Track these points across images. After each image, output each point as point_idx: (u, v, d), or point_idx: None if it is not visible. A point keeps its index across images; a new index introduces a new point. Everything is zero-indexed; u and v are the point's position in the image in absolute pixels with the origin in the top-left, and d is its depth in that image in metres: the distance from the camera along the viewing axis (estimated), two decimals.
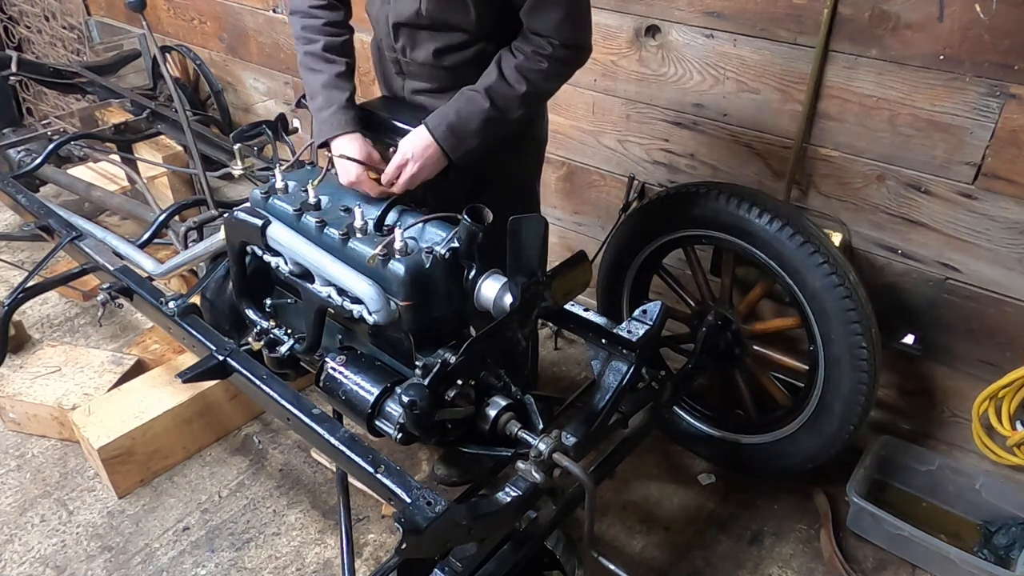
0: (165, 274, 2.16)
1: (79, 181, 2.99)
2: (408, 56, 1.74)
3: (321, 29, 1.73)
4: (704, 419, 2.31)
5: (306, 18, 1.74)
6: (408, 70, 1.79)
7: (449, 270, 1.54)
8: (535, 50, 1.60)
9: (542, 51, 1.59)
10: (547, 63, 1.60)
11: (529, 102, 1.66)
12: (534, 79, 1.61)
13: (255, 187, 1.79)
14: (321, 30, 1.73)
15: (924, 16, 1.81)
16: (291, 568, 2.07)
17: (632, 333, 1.71)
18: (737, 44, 2.13)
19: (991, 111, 1.80)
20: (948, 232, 1.99)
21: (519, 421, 1.54)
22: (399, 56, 1.77)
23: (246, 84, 3.87)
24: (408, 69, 1.79)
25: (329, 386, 1.63)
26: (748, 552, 2.11)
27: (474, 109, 1.62)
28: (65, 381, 2.49)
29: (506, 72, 1.61)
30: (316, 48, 1.72)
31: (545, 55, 1.59)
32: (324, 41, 1.72)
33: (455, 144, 1.64)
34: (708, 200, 1.99)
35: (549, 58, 1.60)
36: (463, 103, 1.63)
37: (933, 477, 2.17)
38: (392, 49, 1.77)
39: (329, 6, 1.75)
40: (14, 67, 3.34)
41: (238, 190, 3.64)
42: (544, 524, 1.65)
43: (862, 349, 1.85)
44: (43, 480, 2.34)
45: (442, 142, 1.63)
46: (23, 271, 2.61)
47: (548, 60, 1.60)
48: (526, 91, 1.61)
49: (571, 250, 2.10)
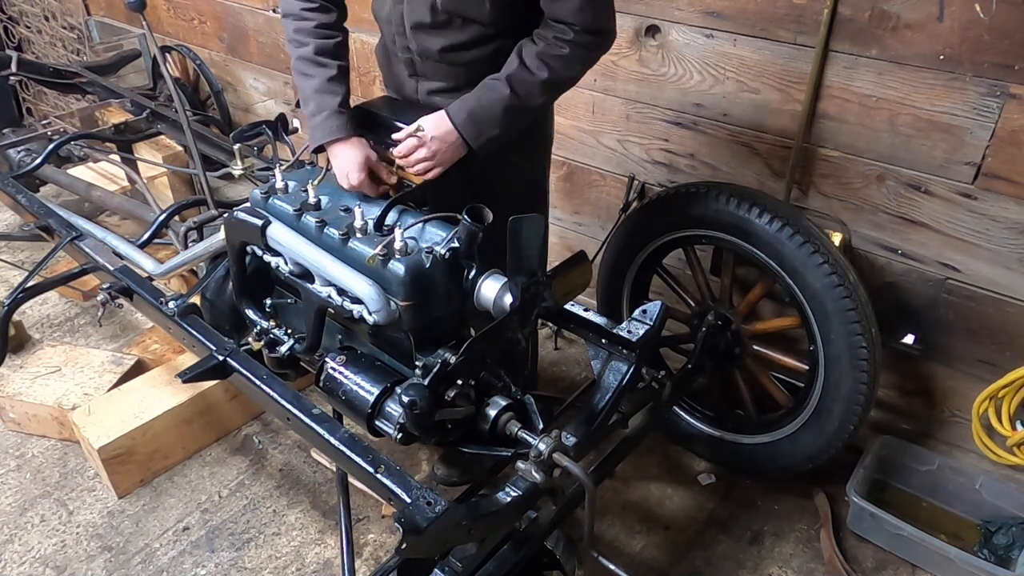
0: (165, 274, 2.16)
1: (79, 181, 2.99)
2: (424, 55, 1.72)
3: (312, 32, 1.71)
4: (704, 419, 2.31)
5: (297, 21, 1.72)
6: (422, 70, 1.77)
7: (449, 270, 1.53)
8: (556, 36, 1.57)
9: (563, 36, 1.57)
10: (568, 48, 1.58)
11: (551, 89, 1.64)
12: (555, 65, 1.59)
13: (255, 187, 1.79)
14: (312, 32, 1.71)
15: (924, 16, 1.80)
16: (291, 568, 2.07)
17: (632, 333, 1.71)
18: (737, 44, 2.13)
19: (991, 111, 1.80)
20: (948, 232, 1.99)
21: (519, 421, 1.54)
22: (413, 56, 1.75)
23: (246, 84, 3.87)
24: (422, 69, 1.77)
25: (329, 386, 1.63)
26: (748, 552, 2.11)
27: (495, 97, 1.60)
28: (65, 381, 2.49)
29: (527, 59, 1.59)
30: (307, 52, 1.70)
31: (566, 40, 1.57)
32: (315, 44, 1.70)
33: (476, 132, 1.62)
34: (708, 200, 1.99)
35: (570, 43, 1.57)
36: (484, 91, 1.61)
37: (933, 477, 2.17)
38: (406, 49, 1.75)
39: (321, 8, 1.72)
40: (14, 67, 3.34)
41: (238, 190, 3.64)
42: (544, 524, 1.65)
43: (862, 349, 1.85)
44: (43, 480, 2.34)
45: (462, 129, 1.61)
46: (23, 271, 2.61)
47: (569, 45, 1.57)
48: (547, 78, 1.59)
49: (571, 250, 2.10)
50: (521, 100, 1.60)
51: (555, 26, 1.58)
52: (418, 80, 1.80)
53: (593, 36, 1.60)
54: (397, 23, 1.72)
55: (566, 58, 1.59)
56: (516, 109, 1.61)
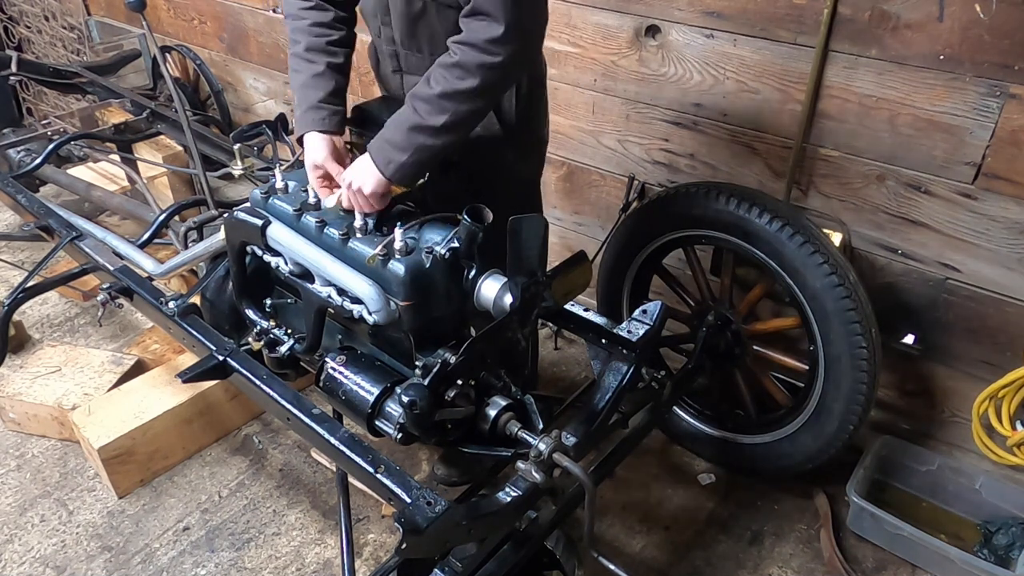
0: (165, 274, 2.16)
1: (79, 181, 2.99)
2: (407, 47, 1.71)
3: (306, 30, 1.71)
4: (704, 419, 2.31)
5: (294, 20, 1.73)
6: (406, 64, 1.76)
7: (449, 270, 1.53)
8: (456, 41, 1.46)
9: (462, 43, 1.45)
10: (458, 54, 1.44)
11: (446, 106, 1.47)
12: (449, 76, 1.45)
13: (255, 187, 1.79)
14: (306, 31, 1.71)
15: (924, 16, 1.80)
16: (291, 568, 2.07)
17: (632, 333, 1.71)
18: (737, 44, 2.12)
19: (991, 111, 1.80)
20: (948, 232, 1.99)
21: (519, 421, 1.54)
22: (397, 48, 1.73)
23: (246, 84, 3.87)
24: (406, 63, 1.75)
25: (329, 386, 1.63)
26: (748, 552, 2.11)
27: (401, 118, 1.52)
28: (65, 381, 2.49)
29: (429, 72, 1.50)
30: (299, 49, 1.71)
31: (464, 44, 1.44)
32: (306, 42, 1.70)
33: (385, 160, 1.52)
34: (708, 200, 1.98)
35: (464, 45, 1.44)
36: (395, 115, 1.54)
37: (933, 477, 2.17)
38: (391, 41, 1.74)
39: (316, 7, 1.71)
40: (14, 67, 3.34)
41: (238, 190, 3.64)
42: (544, 524, 1.65)
43: (862, 349, 1.85)
44: (43, 480, 2.34)
45: (376, 157, 1.53)
46: (23, 271, 2.61)
47: (461, 49, 1.44)
48: (441, 91, 1.45)
49: (571, 250, 2.10)
50: (422, 118, 1.48)
51: (467, 28, 1.45)
52: (403, 75, 1.79)
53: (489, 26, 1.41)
54: (383, 14, 1.70)
55: (457, 67, 1.44)
56: (419, 130, 1.49)
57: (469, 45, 1.44)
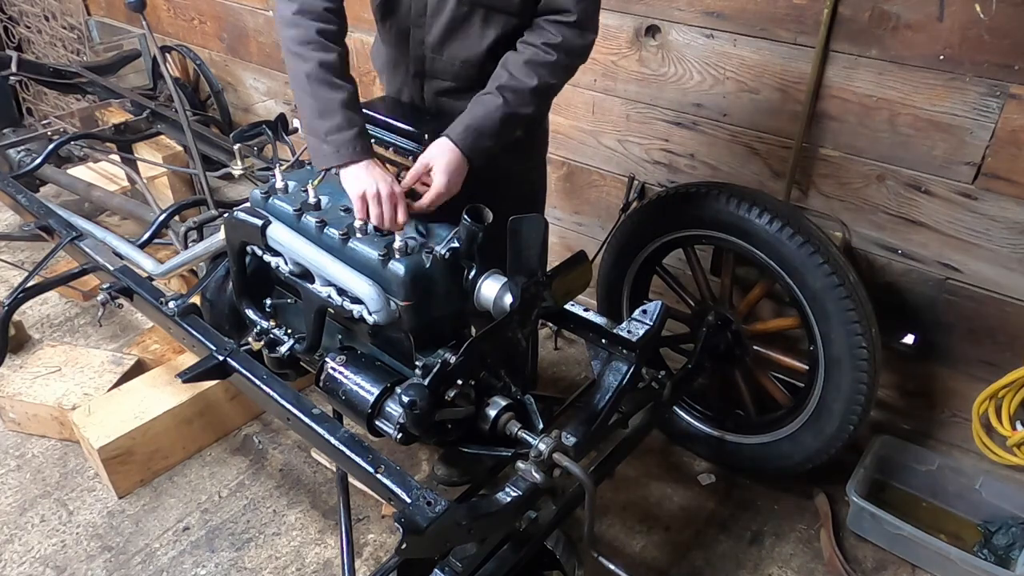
0: (165, 274, 2.16)
1: (79, 181, 2.99)
2: (437, 51, 1.71)
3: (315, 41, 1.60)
4: (704, 419, 2.31)
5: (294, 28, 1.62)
6: (432, 68, 1.74)
7: (449, 270, 1.53)
8: (545, 42, 1.60)
9: (551, 41, 1.59)
10: (555, 55, 1.60)
11: (540, 97, 1.65)
12: (542, 73, 1.61)
13: (255, 187, 1.79)
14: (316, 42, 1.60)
15: (924, 16, 1.81)
16: (291, 568, 2.07)
17: (632, 333, 1.71)
18: (737, 44, 2.13)
19: (991, 111, 1.80)
20: (948, 232, 1.99)
21: (519, 421, 1.54)
22: (426, 52, 1.72)
23: (246, 84, 3.87)
24: (432, 67, 1.74)
25: (329, 386, 1.63)
26: (748, 552, 2.11)
27: (489, 109, 1.60)
28: (65, 381, 2.49)
29: (514, 69, 1.60)
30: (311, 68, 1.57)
31: (553, 45, 1.59)
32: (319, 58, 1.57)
33: (473, 145, 1.60)
34: (708, 200, 1.99)
35: (557, 48, 1.60)
36: (476, 107, 1.62)
37: (933, 477, 2.17)
38: (420, 45, 1.72)
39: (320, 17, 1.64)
40: (14, 67, 3.34)
41: (238, 190, 3.64)
42: (544, 524, 1.64)
43: (862, 349, 1.85)
44: (43, 480, 2.34)
45: (461, 144, 1.59)
46: (23, 271, 2.61)
47: (556, 51, 1.60)
48: (536, 85, 1.60)
49: (571, 250, 2.10)
50: (513, 109, 1.61)
51: (545, 30, 1.61)
52: (425, 80, 1.78)
53: (580, 34, 1.62)
54: (417, 15, 1.69)
55: (552, 65, 1.61)
56: (509, 119, 1.61)
57: (559, 46, 1.60)
